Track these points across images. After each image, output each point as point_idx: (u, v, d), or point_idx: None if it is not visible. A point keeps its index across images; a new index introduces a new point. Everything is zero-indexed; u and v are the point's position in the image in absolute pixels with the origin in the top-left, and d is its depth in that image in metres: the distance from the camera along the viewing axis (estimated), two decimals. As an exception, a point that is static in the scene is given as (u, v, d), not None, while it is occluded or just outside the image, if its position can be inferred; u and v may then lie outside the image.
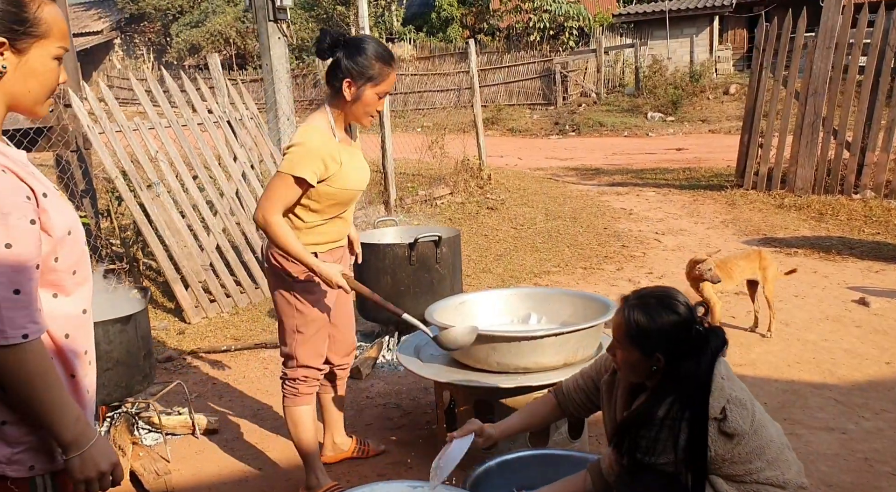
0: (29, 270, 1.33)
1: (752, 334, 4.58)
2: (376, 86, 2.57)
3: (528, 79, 21.35)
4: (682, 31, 22.86)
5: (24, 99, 1.42)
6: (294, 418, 2.86)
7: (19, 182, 1.35)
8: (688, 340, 2.01)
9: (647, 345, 2.03)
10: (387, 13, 26.75)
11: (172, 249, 5.17)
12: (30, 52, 1.39)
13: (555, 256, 6.61)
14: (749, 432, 2.01)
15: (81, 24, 28.68)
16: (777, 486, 2.04)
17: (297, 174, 2.52)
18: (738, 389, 2.07)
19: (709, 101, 19.02)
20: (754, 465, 2.02)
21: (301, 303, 2.73)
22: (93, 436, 1.42)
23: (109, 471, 1.45)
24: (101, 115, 5.12)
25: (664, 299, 2.06)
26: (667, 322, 2.02)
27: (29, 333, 1.33)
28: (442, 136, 9.42)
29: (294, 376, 2.83)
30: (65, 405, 1.39)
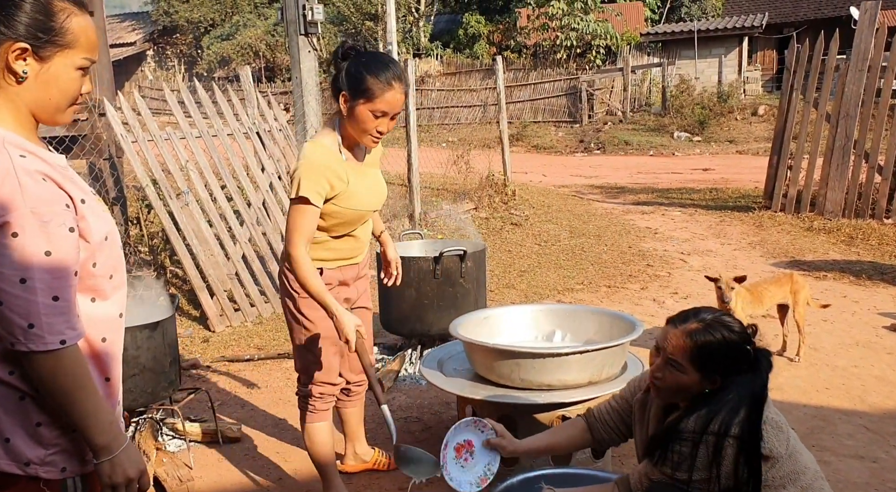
0: (68, 277, 1.36)
1: (779, 358, 4.51)
2: (370, 103, 2.44)
3: (554, 96, 21.37)
4: (711, 52, 22.79)
5: (45, 107, 1.43)
6: (310, 435, 2.85)
7: (59, 190, 1.37)
8: (744, 359, 1.99)
9: (709, 366, 1.99)
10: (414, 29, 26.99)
11: (199, 258, 5.22)
12: (53, 60, 1.40)
13: (579, 274, 6.57)
14: (784, 456, 1.97)
15: (116, 35, 29.26)
16: None
17: (302, 195, 2.46)
18: (774, 411, 2.04)
19: (737, 121, 18.90)
20: (787, 490, 1.98)
21: (308, 320, 2.69)
22: (124, 441, 1.44)
23: (137, 478, 1.46)
24: (134, 125, 5.20)
25: (721, 320, 2.03)
26: (729, 341, 1.99)
27: (67, 338, 1.35)
28: (467, 151, 9.44)
29: (308, 392, 2.83)
30: (99, 410, 1.41)
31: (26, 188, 1.31)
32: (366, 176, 2.69)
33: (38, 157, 1.38)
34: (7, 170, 1.31)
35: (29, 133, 1.42)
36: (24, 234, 1.30)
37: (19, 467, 1.41)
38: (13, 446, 1.40)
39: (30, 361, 1.34)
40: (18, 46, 1.37)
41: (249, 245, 5.59)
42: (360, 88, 2.44)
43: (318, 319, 2.67)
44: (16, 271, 1.30)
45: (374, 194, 2.73)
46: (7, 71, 1.38)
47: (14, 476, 1.42)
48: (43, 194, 1.33)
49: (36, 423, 1.41)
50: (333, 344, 2.76)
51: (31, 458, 1.41)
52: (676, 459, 1.98)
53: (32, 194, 1.32)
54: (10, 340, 1.33)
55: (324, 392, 2.82)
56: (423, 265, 4.14)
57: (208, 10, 28.96)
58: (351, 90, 2.46)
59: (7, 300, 1.31)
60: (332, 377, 2.82)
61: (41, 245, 1.32)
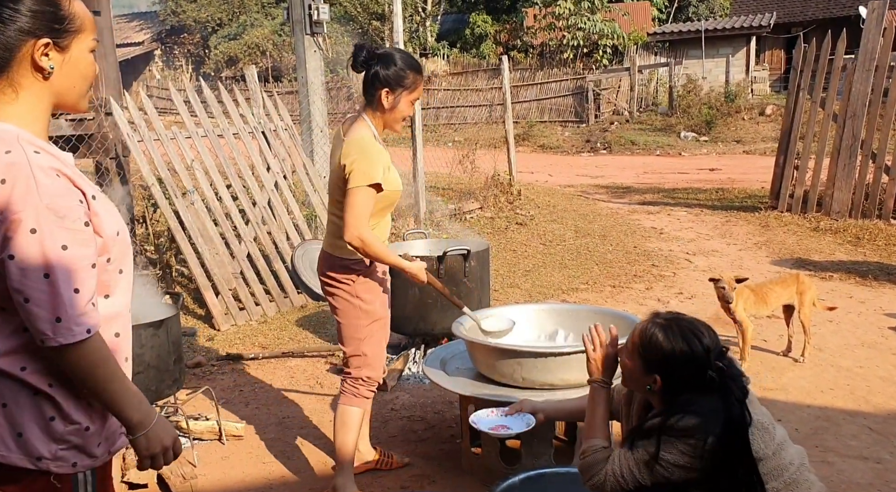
0: (85, 270, 1.38)
1: (784, 359, 4.50)
2: (411, 93, 2.76)
3: (561, 96, 21.34)
4: (718, 51, 22.72)
5: (69, 95, 1.47)
6: (344, 418, 2.91)
7: (72, 186, 1.39)
8: (693, 377, 1.99)
9: (651, 362, 2.05)
10: (421, 29, 27.00)
11: (204, 257, 5.24)
12: (71, 48, 1.43)
13: (583, 274, 6.57)
14: (769, 455, 2.00)
15: (123, 35, 29.37)
16: None
17: (374, 181, 2.65)
18: (760, 413, 2.06)
19: (744, 121, 18.82)
20: (770, 486, 2.00)
21: (365, 302, 2.84)
22: (155, 415, 1.49)
23: (171, 445, 1.52)
24: (140, 124, 5.22)
25: (688, 329, 2.05)
26: (678, 350, 2.01)
27: (91, 326, 1.38)
28: (473, 150, 9.44)
29: (359, 375, 2.90)
30: (128, 390, 1.45)
31: (41, 184, 1.33)
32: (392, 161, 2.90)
33: (50, 153, 1.40)
34: (22, 166, 1.33)
35: (41, 131, 1.44)
36: (42, 230, 1.32)
37: (31, 462, 1.42)
38: (26, 441, 1.41)
39: (61, 354, 1.37)
40: (42, 42, 1.39)
41: (254, 244, 5.61)
42: (403, 83, 2.73)
43: (374, 300, 2.87)
44: (38, 267, 1.33)
45: (400, 177, 2.93)
46: (34, 69, 1.40)
47: (26, 470, 1.43)
48: (58, 190, 1.35)
49: (49, 417, 1.43)
50: (386, 325, 2.97)
51: (44, 453, 1.42)
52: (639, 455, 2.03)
53: (47, 190, 1.33)
54: (40, 337, 1.35)
55: (371, 377, 2.92)
56: (427, 265, 4.13)
57: (216, 10, 29.04)
58: (395, 84, 2.73)
59: (33, 296, 1.33)
60: (382, 361, 2.97)
61: (59, 240, 1.34)
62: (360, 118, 2.80)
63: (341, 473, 2.90)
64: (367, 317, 2.86)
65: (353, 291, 2.83)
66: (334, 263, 2.84)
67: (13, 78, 1.40)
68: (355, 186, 2.65)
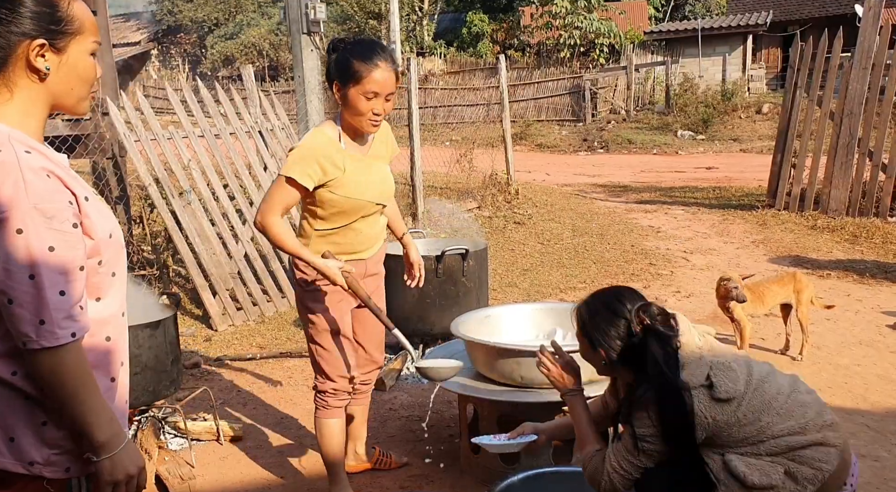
0: (72, 272, 1.36)
1: (782, 357, 4.50)
2: (359, 85, 2.49)
3: (558, 95, 21.35)
4: (715, 50, 22.74)
5: (67, 98, 1.45)
6: (322, 430, 2.86)
7: (62, 187, 1.37)
8: (628, 339, 2.11)
9: (590, 337, 2.18)
10: (418, 28, 26.99)
11: (201, 257, 5.23)
12: (69, 50, 1.42)
13: (581, 273, 6.57)
14: (746, 392, 2.02)
15: (120, 34, 29.29)
16: (796, 433, 2.01)
17: (288, 175, 2.53)
18: (723, 356, 2.08)
19: (741, 120, 18.85)
20: (764, 421, 2.01)
21: (313, 313, 2.73)
22: (124, 439, 1.43)
23: (137, 475, 1.45)
24: (136, 124, 5.21)
25: (608, 296, 2.20)
26: (604, 321, 2.14)
27: (76, 331, 1.36)
28: (471, 149, 9.44)
29: (324, 388, 2.83)
30: (101, 407, 1.40)
31: (30, 184, 1.32)
32: (368, 167, 2.69)
33: (42, 154, 1.38)
34: (12, 165, 1.32)
35: (36, 131, 1.43)
36: (28, 230, 1.31)
37: (24, 467, 1.41)
38: (18, 446, 1.40)
39: (40, 358, 1.34)
40: (37, 43, 1.38)
41: (252, 244, 5.60)
42: (348, 73, 2.52)
43: (322, 310, 2.72)
44: (23, 268, 1.31)
45: (377, 187, 2.71)
46: (30, 70, 1.39)
47: (18, 475, 1.42)
48: (46, 191, 1.33)
49: (41, 422, 1.41)
50: (341, 336, 2.79)
51: (36, 458, 1.41)
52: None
53: (36, 191, 1.32)
54: (23, 339, 1.33)
55: (338, 389, 2.83)
56: (425, 264, 4.12)
57: (212, 10, 29.01)
58: (340, 77, 2.54)
59: (17, 297, 1.31)
60: (342, 370, 2.82)
61: (45, 241, 1.32)
62: (333, 116, 2.72)
63: (334, 482, 2.88)
64: (313, 328, 2.75)
65: (300, 296, 2.75)
66: (293, 268, 2.75)
67: (9, 78, 1.39)
68: (278, 174, 2.61)
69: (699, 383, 2.01)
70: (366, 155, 2.71)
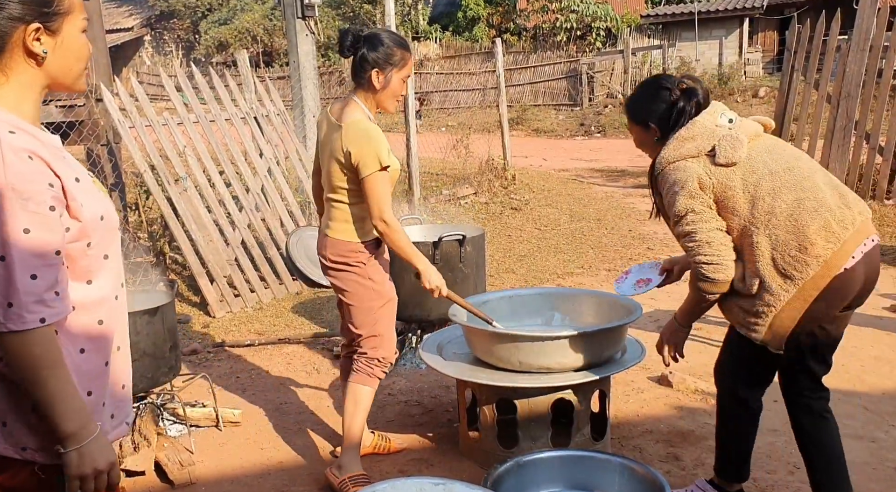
0: (47, 256, 1.33)
1: (778, 340, 4.52)
2: (400, 70, 2.76)
3: (554, 79, 21.26)
4: (711, 33, 22.64)
5: (66, 77, 1.45)
6: (357, 396, 2.91)
7: (45, 168, 1.35)
8: (671, 108, 2.43)
9: (640, 118, 2.51)
10: (413, 12, 26.79)
11: (198, 244, 5.22)
12: (63, 30, 1.41)
13: (578, 258, 6.57)
14: (744, 160, 2.34)
15: (113, 20, 29.06)
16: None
17: (385, 164, 2.68)
18: (746, 127, 2.40)
19: (737, 104, 18.78)
20: (766, 184, 2.31)
21: (377, 283, 2.88)
22: (94, 431, 1.39)
23: (106, 470, 1.41)
24: (131, 110, 5.18)
25: (649, 82, 2.56)
26: (647, 98, 2.49)
27: (46, 317, 1.32)
28: (467, 135, 9.40)
29: (374, 355, 2.91)
30: (69, 395, 1.36)
31: (9, 165, 1.30)
32: None
33: (29, 134, 1.36)
34: None
35: (28, 112, 1.41)
36: (4, 210, 1.29)
37: (17, 452, 1.40)
38: (10, 431, 1.40)
39: (7, 341, 1.31)
40: (33, 27, 1.37)
41: (249, 231, 5.58)
42: (392, 61, 2.74)
43: (383, 281, 2.93)
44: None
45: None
46: (27, 55, 1.39)
47: (11, 460, 1.41)
48: (25, 172, 1.31)
49: (32, 408, 1.40)
50: (394, 307, 3.00)
51: (28, 443, 1.40)
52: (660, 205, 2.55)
53: (14, 171, 1.30)
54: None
55: (386, 357, 2.93)
56: (422, 250, 4.10)
57: (205, -5, 28.75)
58: (385, 63, 2.74)
59: None
60: (394, 342, 3.00)
61: (20, 222, 1.30)
62: (351, 101, 2.79)
63: (347, 451, 2.91)
64: (379, 298, 2.89)
65: (364, 273, 2.85)
66: (342, 247, 2.83)
67: (5, 64, 1.38)
68: (371, 173, 2.68)
69: (704, 152, 2.35)
70: None
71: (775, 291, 2.29)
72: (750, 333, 2.38)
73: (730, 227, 2.36)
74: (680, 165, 2.38)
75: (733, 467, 2.68)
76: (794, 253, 2.27)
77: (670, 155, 2.40)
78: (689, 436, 3.32)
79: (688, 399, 3.72)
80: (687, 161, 2.37)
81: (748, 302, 2.36)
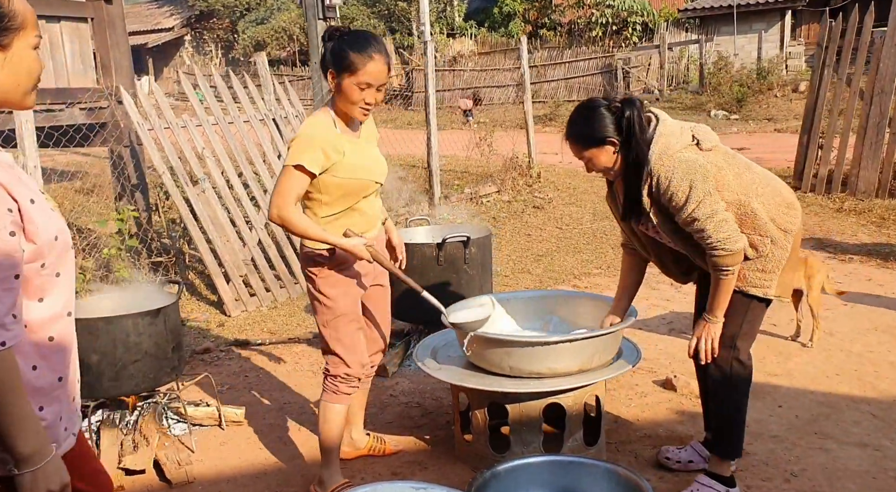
0: (7, 280, 1.35)
1: (792, 344, 4.43)
2: (353, 76, 2.58)
3: (589, 75, 21.07)
4: (751, 27, 22.16)
5: (14, 92, 1.46)
6: (326, 414, 2.90)
7: (3, 194, 1.37)
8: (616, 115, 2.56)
9: (594, 139, 2.59)
10: (448, 8, 26.78)
11: (215, 244, 5.31)
12: (13, 46, 1.43)
13: (598, 258, 6.51)
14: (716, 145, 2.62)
15: (154, 20, 29.65)
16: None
17: (296, 163, 2.59)
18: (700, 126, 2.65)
19: (776, 98, 18.38)
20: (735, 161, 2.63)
21: (328, 298, 2.77)
22: (49, 453, 1.40)
23: (59, 491, 1.42)
24: (150, 113, 5.29)
25: (580, 108, 2.67)
26: (588, 120, 2.61)
27: (6, 340, 1.34)
28: (490, 132, 9.36)
29: (336, 372, 2.87)
30: (27, 417, 1.37)
31: None
32: (363, 149, 2.79)
33: None
34: None
35: None
36: None
37: None
38: None
39: None
40: None
41: (265, 231, 5.66)
42: (344, 64, 2.60)
43: (336, 296, 2.79)
44: None
45: (374, 166, 2.82)
46: None
47: None
48: None
49: None
50: (355, 321, 2.86)
51: None
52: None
53: None
54: None
55: (350, 373, 2.86)
56: (427, 252, 4.14)
57: (244, -6, 29.12)
58: (336, 66, 2.62)
59: None
60: (357, 355, 2.87)
61: None
62: (325, 102, 2.78)
63: (326, 465, 2.91)
64: (329, 313, 2.80)
65: (315, 285, 2.79)
66: (303, 256, 2.82)
67: None
68: (283, 165, 2.65)
69: (688, 143, 2.54)
70: (358, 138, 2.80)
71: (783, 244, 2.63)
72: (766, 291, 2.66)
73: (725, 203, 2.57)
74: (683, 156, 2.52)
75: (740, 440, 2.85)
76: (785, 210, 2.64)
77: (668, 148, 2.53)
78: (686, 441, 3.28)
79: (690, 403, 3.66)
80: (685, 151, 2.53)
81: (760, 263, 2.63)
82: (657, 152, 2.54)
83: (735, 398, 2.80)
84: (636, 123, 2.55)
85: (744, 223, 2.59)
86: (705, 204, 2.50)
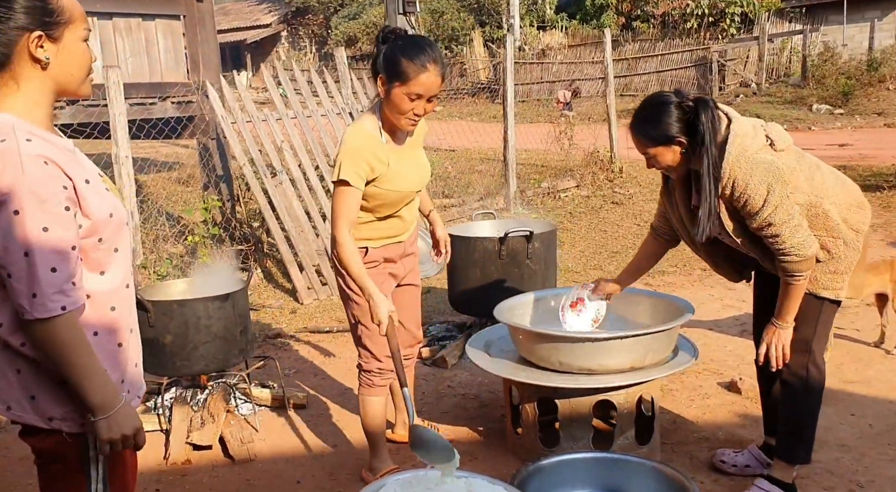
0: (64, 251, 1.50)
1: (874, 350, 4.20)
2: (404, 86, 2.47)
3: (682, 68, 20.43)
4: (864, 16, 20.91)
5: (69, 82, 1.60)
6: (365, 407, 2.97)
7: (59, 172, 1.51)
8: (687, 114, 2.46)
9: (661, 137, 2.48)
10: (540, 0, 26.53)
11: (291, 234, 5.50)
12: (64, 38, 1.56)
13: (674, 256, 6.33)
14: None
15: (253, 17, 30.74)
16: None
17: (342, 178, 2.55)
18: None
19: (888, 91, 17.29)
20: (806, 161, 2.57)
21: (358, 295, 2.75)
22: (119, 402, 1.57)
23: (132, 435, 1.59)
24: (234, 107, 5.52)
25: (648, 103, 2.57)
26: (656, 117, 2.49)
27: (66, 305, 1.49)
28: (571, 125, 9.24)
29: (369, 368, 2.92)
30: (95, 372, 1.54)
31: (28, 171, 1.47)
32: (408, 158, 2.75)
33: (43, 140, 1.53)
34: (12, 154, 1.47)
35: (42, 118, 1.58)
36: (24, 212, 1.46)
37: (44, 422, 1.59)
38: (38, 404, 1.59)
39: (32, 328, 1.50)
40: (35, 35, 1.53)
41: (340, 221, 5.81)
42: (395, 71, 2.49)
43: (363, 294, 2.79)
44: (19, 246, 1.46)
45: (417, 175, 2.79)
46: (32, 61, 1.55)
47: (40, 429, 1.61)
48: (42, 176, 1.48)
49: (58, 382, 1.59)
50: None
51: (55, 414, 1.59)
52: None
53: (32, 176, 1.47)
54: (21, 311, 1.49)
55: (382, 367, 2.90)
56: (489, 245, 4.16)
57: (338, -10, 29.76)
58: (387, 73, 2.51)
59: (15, 273, 1.47)
60: (387, 350, 2.83)
61: (39, 222, 1.46)
62: (372, 106, 2.70)
63: (374, 454, 2.99)
64: (360, 310, 2.78)
65: (346, 282, 2.77)
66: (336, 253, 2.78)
67: (15, 71, 1.55)
68: (332, 181, 2.62)
69: (763, 144, 2.47)
70: (404, 146, 2.75)
71: (855, 245, 2.58)
72: (837, 293, 2.60)
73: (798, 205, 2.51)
74: (760, 157, 2.45)
75: (810, 446, 2.78)
76: (856, 210, 2.60)
77: (745, 149, 2.45)
78: (746, 445, 3.17)
79: (754, 407, 3.54)
80: (761, 152, 2.47)
81: (832, 265, 2.58)
82: (734, 153, 2.44)
83: (810, 403, 2.72)
84: (710, 126, 2.44)
85: (815, 225, 2.53)
86: (782, 208, 2.42)
